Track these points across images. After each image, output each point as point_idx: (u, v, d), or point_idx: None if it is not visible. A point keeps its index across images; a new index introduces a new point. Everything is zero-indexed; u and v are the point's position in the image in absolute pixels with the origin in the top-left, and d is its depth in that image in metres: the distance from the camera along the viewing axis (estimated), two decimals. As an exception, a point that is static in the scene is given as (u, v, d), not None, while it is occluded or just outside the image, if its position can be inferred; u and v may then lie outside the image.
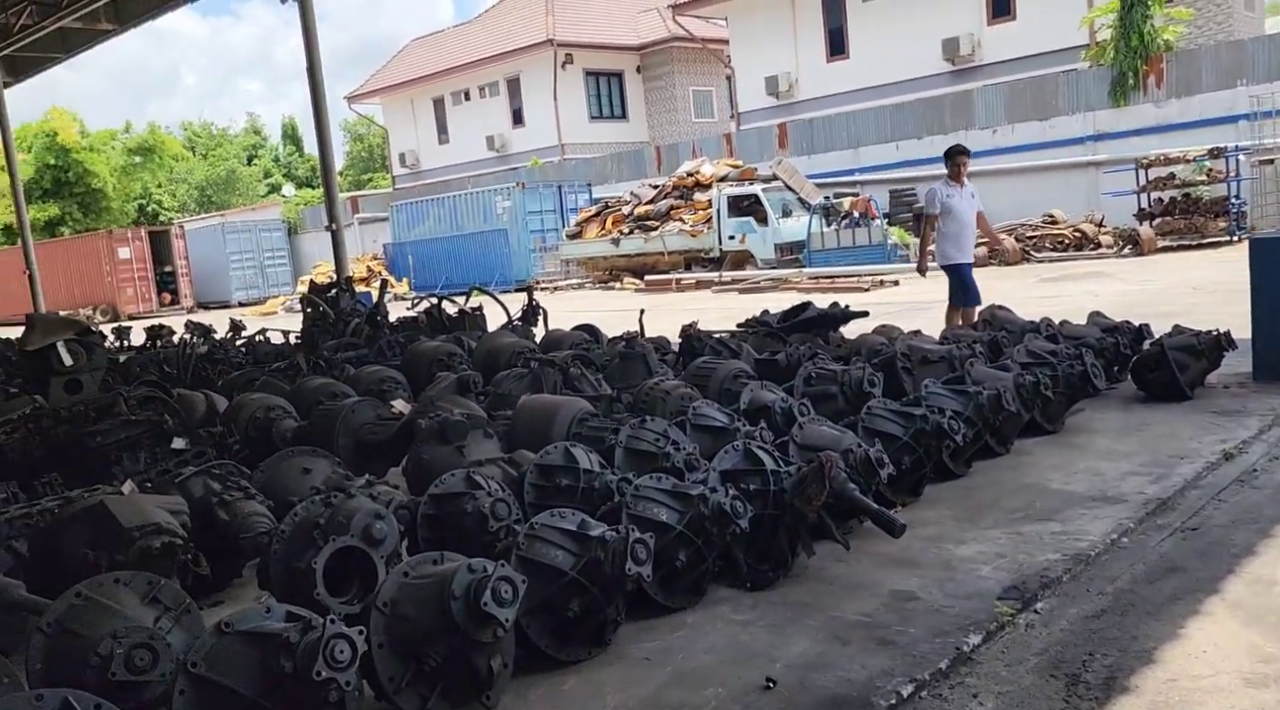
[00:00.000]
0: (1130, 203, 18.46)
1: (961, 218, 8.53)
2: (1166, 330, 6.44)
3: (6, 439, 6.10)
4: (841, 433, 4.49)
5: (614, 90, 36.60)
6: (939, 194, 8.53)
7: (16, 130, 34.45)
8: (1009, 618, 3.35)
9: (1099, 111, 20.08)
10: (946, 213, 8.49)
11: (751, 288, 18.26)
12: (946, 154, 8.79)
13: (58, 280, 31.18)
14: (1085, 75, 20.98)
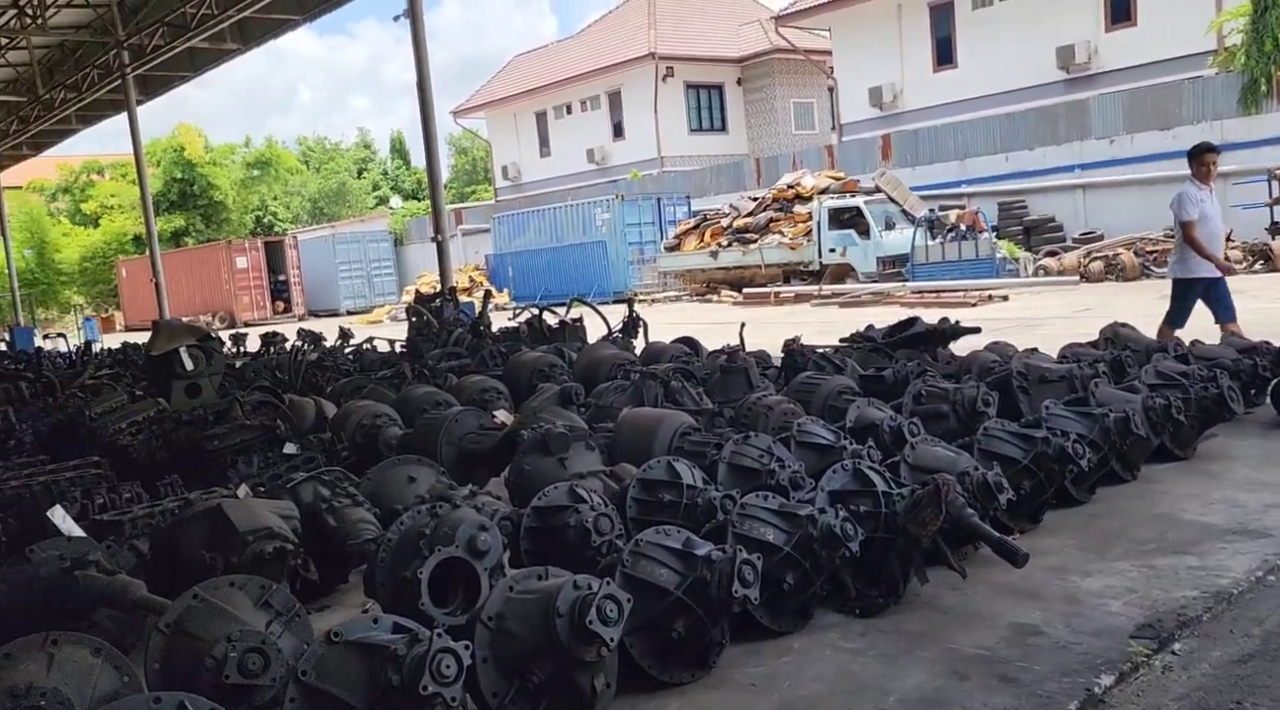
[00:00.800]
0: (1262, 216, 17.46)
1: (1212, 224, 7.70)
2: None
3: (132, 440, 6.37)
4: (957, 454, 4.30)
5: (714, 102, 36.58)
6: (1191, 197, 7.63)
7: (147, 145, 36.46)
8: (1144, 659, 3.12)
9: (1226, 120, 19.10)
10: (1201, 219, 7.60)
11: (852, 301, 17.91)
12: (1192, 152, 7.87)
13: (181, 288, 32.77)
14: (1212, 82, 19.98)
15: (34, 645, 2.63)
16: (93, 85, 20.82)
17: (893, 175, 22.30)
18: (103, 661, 2.70)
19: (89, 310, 39.10)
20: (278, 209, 48.16)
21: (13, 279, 28.86)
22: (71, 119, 24.98)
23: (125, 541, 3.95)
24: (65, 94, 21.86)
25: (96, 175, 44.23)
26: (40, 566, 3.36)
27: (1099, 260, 18.01)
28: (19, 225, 39.09)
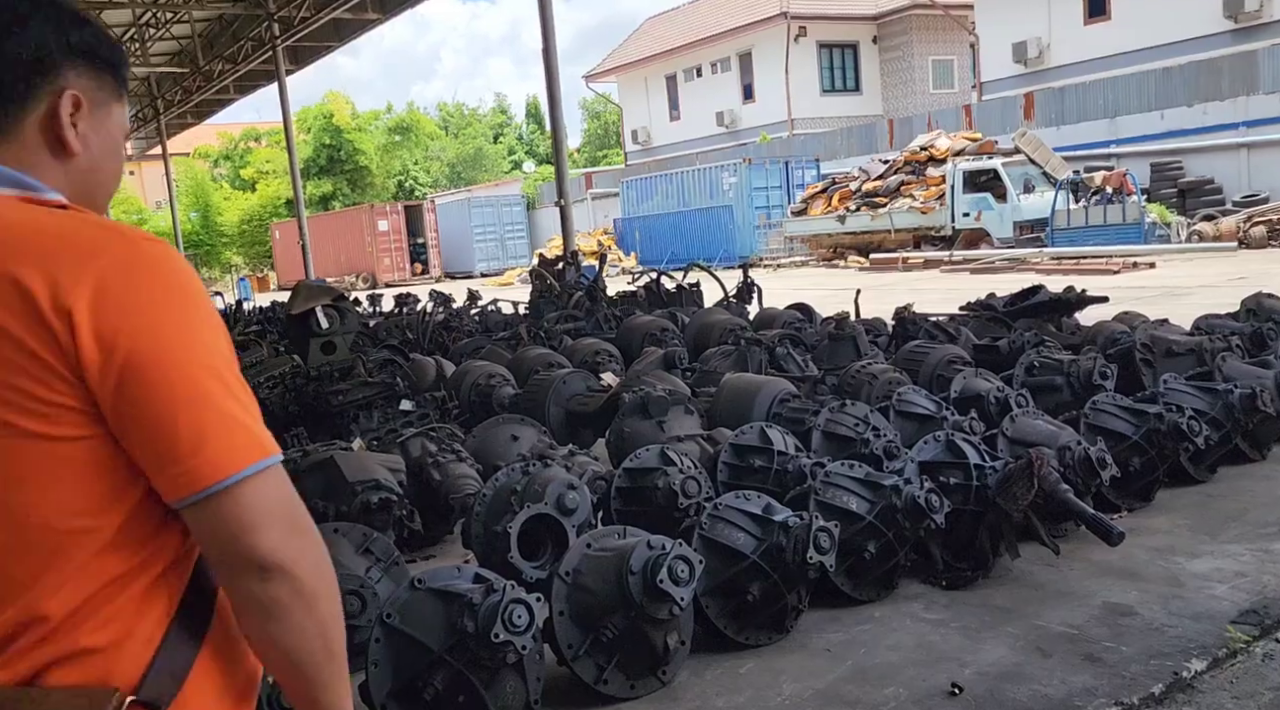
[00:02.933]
0: None
1: None
2: None
3: (269, 394, 6.82)
4: (1059, 428, 4.15)
5: (848, 62, 35.54)
6: None
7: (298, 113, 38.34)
8: (1243, 645, 2.98)
9: None
10: None
11: (984, 268, 17.25)
12: None
13: (326, 250, 34.44)
14: (1402, 28, 18.12)
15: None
16: (247, 56, 21.99)
17: (1034, 135, 21.20)
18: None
19: (245, 270, 41.59)
20: (418, 173, 49.78)
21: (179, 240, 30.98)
22: (230, 89, 26.49)
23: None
24: (223, 65, 23.18)
25: (254, 142, 46.78)
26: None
27: (1261, 225, 16.73)
28: (185, 190, 41.84)
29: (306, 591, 0.98)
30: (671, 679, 3.01)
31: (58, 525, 0.92)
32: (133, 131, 32.59)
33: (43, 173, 1.02)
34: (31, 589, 0.92)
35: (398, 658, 2.58)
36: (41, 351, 0.89)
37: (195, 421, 0.92)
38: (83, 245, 0.93)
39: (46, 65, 1.01)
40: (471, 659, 2.56)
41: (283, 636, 0.98)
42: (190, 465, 0.92)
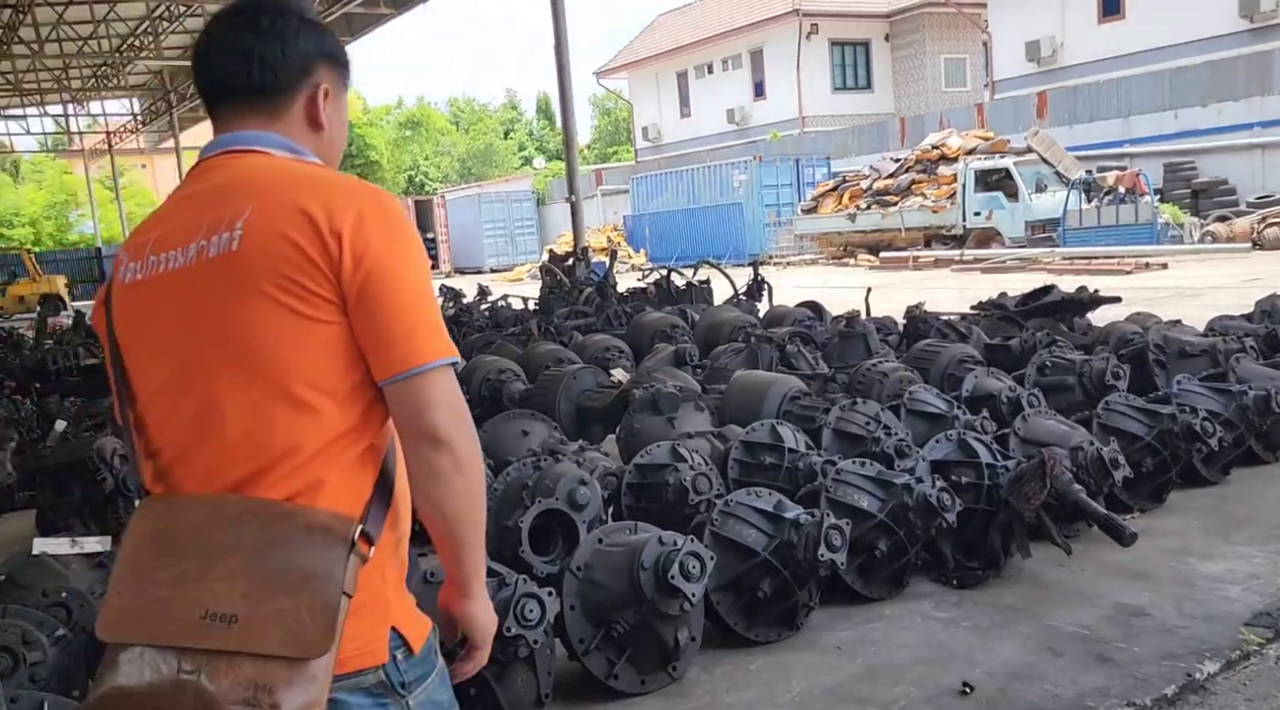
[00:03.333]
0: None
1: None
2: None
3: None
4: (1072, 428, 4.14)
5: (859, 60, 35.43)
6: None
7: (309, 109, 38.44)
8: (1256, 647, 2.97)
9: None
10: None
11: (996, 267, 17.19)
12: None
13: (337, 245, 34.47)
14: None
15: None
16: (259, 52, 22.03)
17: (1046, 135, 21.11)
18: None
19: (257, 265, 41.69)
20: (429, 168, 49.88)
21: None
22: (241, 84, 26.53)
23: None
24: (235, 61, 23.23)
25: (265, 138, 46.92)
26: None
27: (1275, 226, 16.62)
28: (196, 184, 41.99)
29: (463, 465, 1.27)
30: (682, 674, 3.01)
31: (308, 385, 1.23)
32: (145, 124, 32.74)
33: (303, 143, 1.40)
34: (288, 432, 1.22)
35: (410, 650, 2.59)
36: (317, 258, 1.22)
37: (409, 320, 1.24)
38: (348, 189, 1.28)
39: (309, 67, 1.40)
40: (483, 652, 2.56)
41: (443, 498, 1.27)
42: (402, 351, 1.23)
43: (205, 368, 1.25)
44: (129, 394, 1.32)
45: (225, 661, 1.11)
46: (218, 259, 1.25)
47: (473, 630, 1.38)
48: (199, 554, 1.16)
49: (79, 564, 3.25)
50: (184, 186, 1.38)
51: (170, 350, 1.28)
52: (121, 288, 1.33)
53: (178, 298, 1.27)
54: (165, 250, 1.30)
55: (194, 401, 1.26)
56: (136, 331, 1.32)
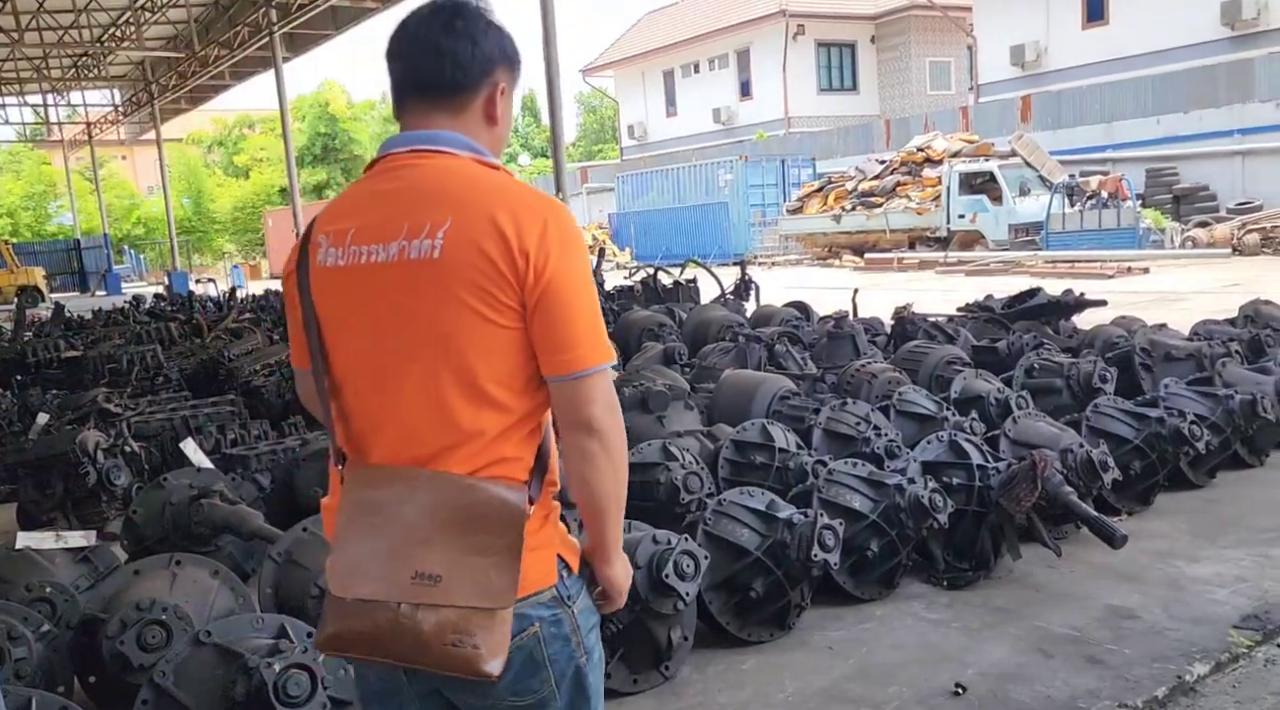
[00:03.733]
0: None
1: None
2: None
3: (264, 381, 6.78)
4: (1061, 430, 4.16)
5: (845, 62, 35.54)
6: None
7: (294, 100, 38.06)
8: (1245, 650, 2.99)
9: None
10: None
11: (979, 270, 17.29)
12: None
13: (321, 239, 34.23)
14: (1398, 39, 18.21)
15: (160, 564, 2.88)
16: (243, 42, 21.81)
17: (1030, 138, 21.25)
18: (220, 583, 2.93)
19: (238, 258, 41.39)
20: (413, 165, 49.63)
21: (171, 226, 30.75)
22: (225, 75, 26.28)
23: (250, 475, 4.24)
24: (219, 51, 22.98)
25: (248, 129, 46.53)
26: (171, 493, 3.65)
27: (1255, 232, 16.80)
28: (178, 175, 41.56)
29: (612, 452, 1.48)
30: (674, 674, 3.00)
31: (494, 381, 1.43)
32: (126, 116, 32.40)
33: (479, 137, 1.53)
34: (473, 419, 1.43)
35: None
36: (506, 272, 1.39)
37: (577, 329, 1.42)
38: (533, 203, 1.43)
39: (492, 67, 1.53)
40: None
41: (593, 479, 1.48)
42: (569, 356, 1.41)
43: (401, 355, 1.45)
44: (325, 363, 1.52)
45: (433, 611, 1.37)
46: (420, 262, 1.42)
47: (611, 588, 1.60)
48: (404, 523, 1.41)
49: (63, 558, 3.20)
50: (373, 181, 1.51)
51: (366, 333, 1.47)
52: (321, 269, 1.50)
53: (378, 289, 1.45)
54: (367, 244, 1.46)
55: (387, 383, 1.46)
56: (335, 310, 1.50)
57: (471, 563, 1.39)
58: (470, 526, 1.40)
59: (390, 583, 1.39)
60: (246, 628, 2.40)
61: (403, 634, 1.38)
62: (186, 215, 41.92)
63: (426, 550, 1.39)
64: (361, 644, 1.41)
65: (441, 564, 1.39)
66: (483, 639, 1.38)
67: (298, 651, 2.19)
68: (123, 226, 42.51)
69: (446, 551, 1.39)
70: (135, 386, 6.64)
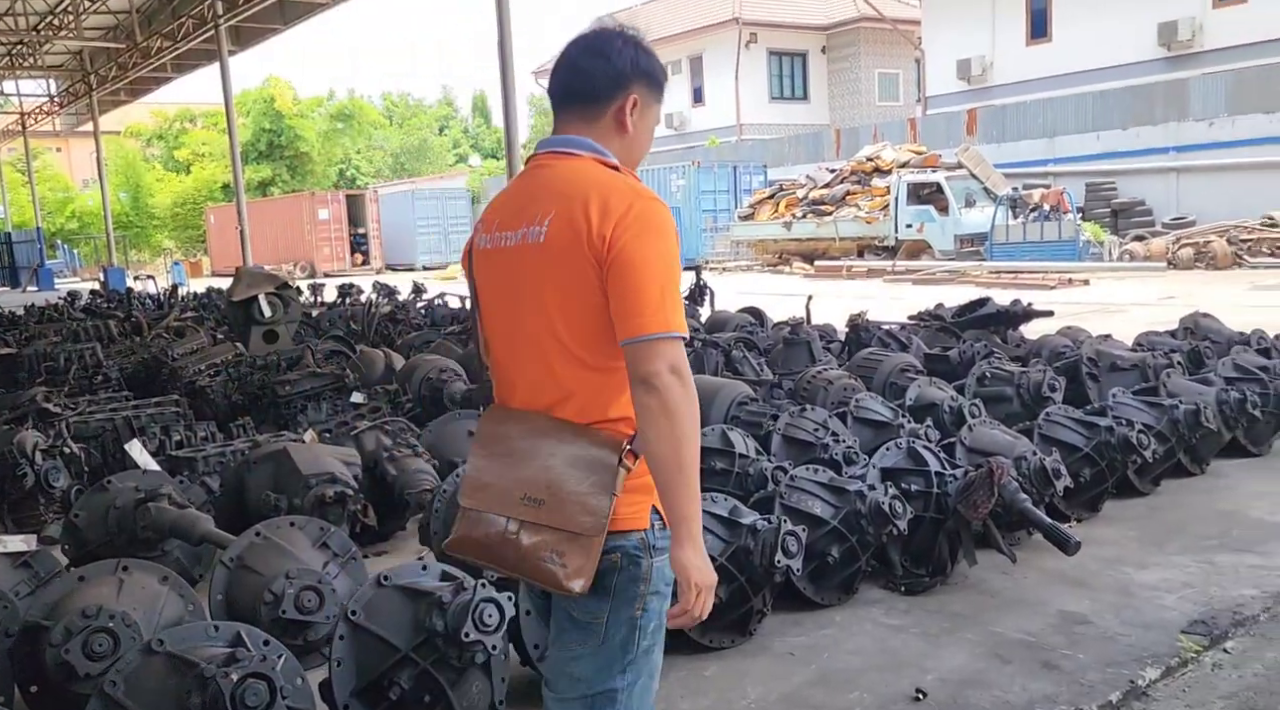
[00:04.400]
0: (1366, 207, 16.59)
1: None
2: (1404, 352, 5.73)
3: (210, 382, 6.62)
4: (1015, 438, 4.23)
5: (796, 71, 35.92)
6: None
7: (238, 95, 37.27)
8: (1194, 654, 3.06)
9: (1337, 104, 18.11)
10: None
11: (926, 279, 17.57)
12: None
13: (265, 237, 33.56)
14: (1324, 64, 18.94)
15: (106, 570, 2.79)
16: (187, 34, 21.33)
17: (976, 151, 21.68)
18: (169, 589, 2.84)
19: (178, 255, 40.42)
20: (361, 163, 48.95)
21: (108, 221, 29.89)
22: (167, 67, 25.65)
23: (197, 478, 4.13)
24: (162, 42, 22.44)
25: (190, 123, 45.49)
26: (116, 497, 3.54)
27: (1189, 246, 17.32)
28: (115, 169, 40.45)
29: (670, 410, 1.58)
30: (636, 681, 2.97)
31: (582, 345, 1.68)
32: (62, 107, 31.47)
33: (609, 143, 1.76)
34: (574, 379, 1.69)
35: (362, 655, 2.51)
36: (588, 250, 1.63)
37: (645, 299, 1.61)
38: (624, 191, 1.66)
39: (624, 81, 1.76)
40: (439, 658, 2.50)
41: (651, 438, 1.61)
42: (636, 322, 1.61)
43: (522, 323, 1.74)
44: (482, 327, 1.84)
45: (534, 530, 1.63)
46: (532, 246, 1.70)
47: (682, 576, 1.64)
48: (521, 455, 1.69)
49: (1, 563, 3.08)
50: (520, 177, 1.81)
51: (504, 304, 1.78)
52: (478, 251, 1.83)
53: (510, 268, 1.75)
54: (504, 231, 1.77)
55: (516, 345, 1.76)
56: (486, 284, 1.81)
57: (570, 493, 1.63)
58: (574, 463, 1.65)
59: (503, 501, 1.68)
60: (200, 636, 2.33)
61: (506, 546, 1.66)
62: (124, 210, 40.83)
63: (534, 478, 1.66)
64: (477, 550, 1.72)
65: (545, 491, 1.65)
66: (571, 560, 1.61)
67: (255, 660, 2.12)
68: (56, 220, 41.26)
69: (550, 481, 1.65)
70: (73, 386, 6.43)
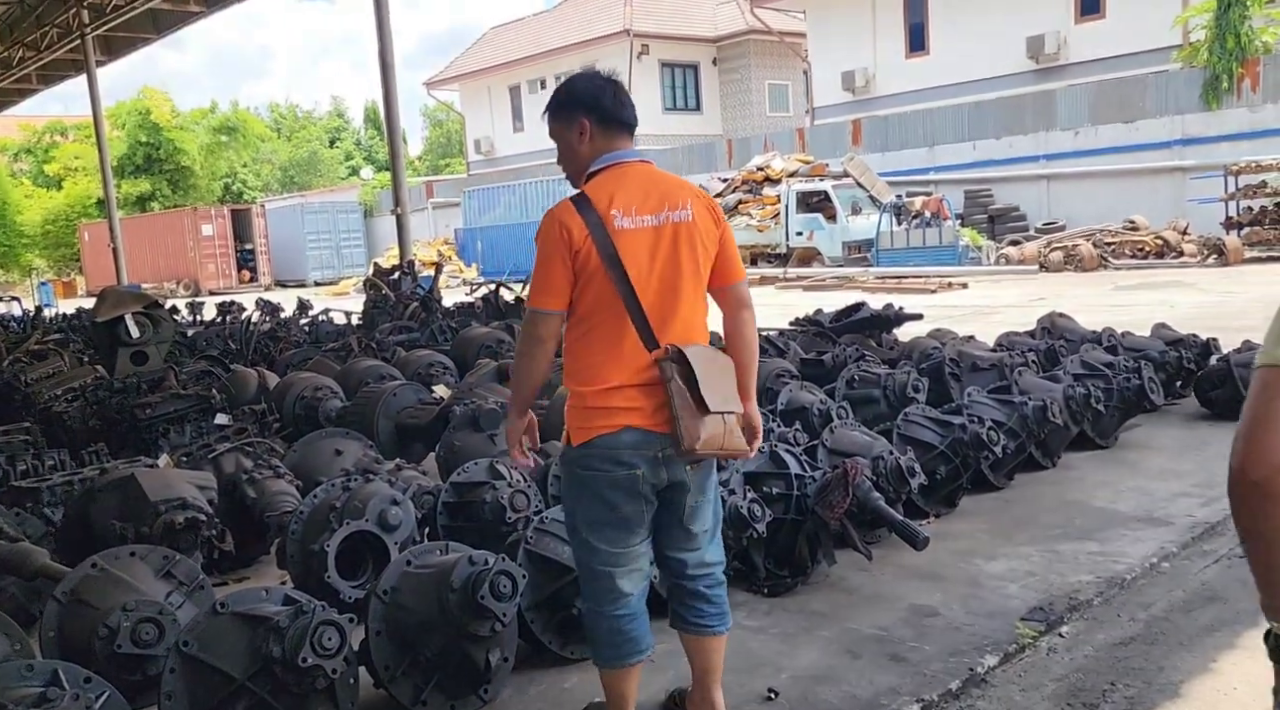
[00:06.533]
0: (1217, 211, 17.70)
1: None
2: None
3: (66, 407, 6.32)
4: (874, 439, 4.37)
5: (689, 82, 36.39)
6: None
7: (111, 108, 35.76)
8: (1030, 640, 3.21)
9: (1188, 115, 19.29)
10: None
11: (816, 285, 18.00)
12: None
13: (144, 254, 32.29)
14: (1175, 77, 20.16)
15: (-80, 610, 2.62)
16: (52, 44, 20.39)
17: (861, 160, 22.34)
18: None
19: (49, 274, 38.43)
20: (247, 177, 47.52)
21: (-30, 241, 28.28)
22: (32, 78, 24.44)
23: (38, 509, 3.93)
24: (24, 52, 21.40)
25: (60, 136, 43.39)
26: (-57, 532, 3.34)
27: (1058, 250, 18.18)
28: (-21, 185, 38.28)
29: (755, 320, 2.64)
30: (494, 697, 2.96)
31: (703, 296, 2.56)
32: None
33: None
34: (702, 312, 2.54)
35: (195, 688, 2.43)
36: (716, 229, 2.54)
37: (738, 257, 2.62)
38: (698, 189, 2.61)
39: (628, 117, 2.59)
40: (277, 685, 2.44)
41: (750, 335, 2.60)
42: (740, 270, 2.61)
43: (681, 277, 2.46)
44: (629, 284, 2.40)
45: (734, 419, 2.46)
46: (680, 224, 2.45)
47: (756, 423, 2.61)
48: (723, 369, 2.50)
49: None
50: (625, 176, 2.48)
51: (660, 265, 2.44)
52: (619, 229, 2.41)
53: (655, 240, 2.44)
54: (642, 214, 2.43)
55: (669, 296, 2.45)
56: (631, 252, 2.41)
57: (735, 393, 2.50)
58: (731, 374, 2.51)
59: (728, 402, 2.43)
60: (13, 676, 2.22)
61: (730, 434, 2.44)
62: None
63: (731, 385, 2.48)
64: (714, 444, 2.41)
65: (733, 392, 2.48)
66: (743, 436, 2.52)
67: (66, 700, 2.03)
68: (-86, 240, 38.81)
69: (732, 385, 2.49)
70: (-86, 416, 6.05)
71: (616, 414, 2.42)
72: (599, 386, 2.43)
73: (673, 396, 2.36)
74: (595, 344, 2.45)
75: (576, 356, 2.49)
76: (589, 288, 2.41)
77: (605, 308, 2.42)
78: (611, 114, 2.50)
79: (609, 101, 2.50)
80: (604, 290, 2.40)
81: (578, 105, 2.52)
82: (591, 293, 2.41)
